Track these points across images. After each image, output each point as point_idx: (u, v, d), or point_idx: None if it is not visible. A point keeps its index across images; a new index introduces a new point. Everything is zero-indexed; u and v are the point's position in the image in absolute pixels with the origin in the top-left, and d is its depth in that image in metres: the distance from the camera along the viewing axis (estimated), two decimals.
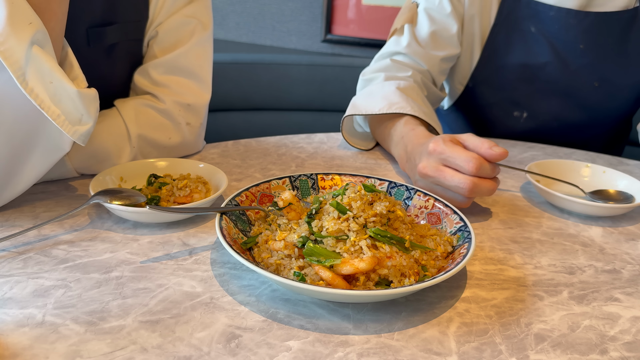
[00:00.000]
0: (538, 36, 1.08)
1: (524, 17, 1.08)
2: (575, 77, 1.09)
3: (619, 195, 0.81)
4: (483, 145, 0.71)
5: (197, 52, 0.93)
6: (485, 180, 0.70)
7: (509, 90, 1.14)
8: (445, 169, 0.71)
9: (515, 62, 1.11)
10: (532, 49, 1.09)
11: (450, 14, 1.08)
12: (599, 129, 1.18)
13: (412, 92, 0.98)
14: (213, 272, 0.59)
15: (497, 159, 0.71)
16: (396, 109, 0.91)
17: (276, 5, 2.10)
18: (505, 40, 1.10)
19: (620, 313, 0.56)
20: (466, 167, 0.69)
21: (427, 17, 1.09)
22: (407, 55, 1.09)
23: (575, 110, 1.13)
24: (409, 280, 0.55)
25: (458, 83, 1.21)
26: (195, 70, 0.93)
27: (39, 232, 0.65)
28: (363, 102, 0.97)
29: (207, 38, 0.96)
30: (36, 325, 0.49)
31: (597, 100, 1.11)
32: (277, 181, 0.71)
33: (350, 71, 1.62)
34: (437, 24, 1.08)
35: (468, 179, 0.69)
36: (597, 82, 1.09)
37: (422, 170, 0.74)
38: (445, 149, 0.71)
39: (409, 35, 1.09)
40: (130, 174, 0.75)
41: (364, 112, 0.95)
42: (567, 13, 1.04)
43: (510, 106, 1.16)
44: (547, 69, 1.09)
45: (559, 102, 1.12)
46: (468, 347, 0.49)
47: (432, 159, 0.73)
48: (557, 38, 1.07)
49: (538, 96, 1.13)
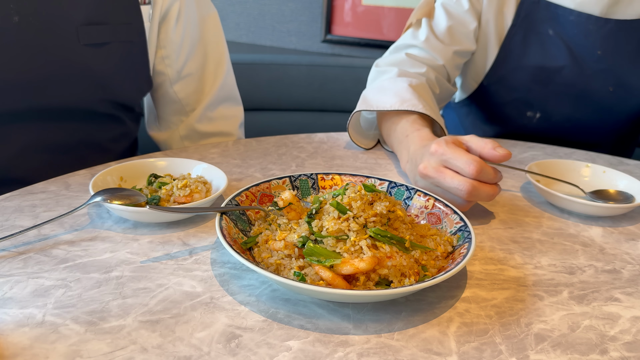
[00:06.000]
0: (556, 39, 1.07)
1: (542, 19, 1.07)
2: (591, 81, 1.09)
3: (619, 195, 0.81)
4: (486, 146, 0.71)
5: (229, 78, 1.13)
6: (486, 184, 0.70)
7: (524, 91, 1.15)
8: (445, 170, 0.71)
9: (531, 64, 1.11)
10: (549, 52, 1.09)
11: (468, 10, 1.09)
12: (610, 130, 1.18)
13: (423, 91, 0.98)
14: (213, 272, 0.59)
15: (500, 160, 0.70)
16: (408, 106, 0.91)
17: (276, 6, 2.10)
18: (522, 41, 1.10)
19: (620, 313, 0.56)
20: (467, 170, 0.68)
21: (445, 12, 1.09)
22: (423, 50, 1.09)
23: (589, 113, 1.13)
24: (409, 280, 0.55)
25: (472, 80, 1.21)
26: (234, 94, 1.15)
27: (39, 232, 0.65)
28: (374, 97, 0.97)
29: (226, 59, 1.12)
30: (36, 325, 0.49)
31: (610, 104, 1.11)
32: (277, 181, 0.71)
33: (350, 71, 1.62)
34: (454, 19, 1.09)
35: (467, 182, 0.68)
36: (612, 87, 1.09)
37: (422, 170, 0.73)
38: (446, 150, 0.71)
39: (427, 28, 1.09)
40: (130, 174, 0.75)
41: (375, 108, 0.95)
42: (588, 18, 1.03)
43: (523, 106, 1.17)
44: (563, 73, 1.09)
45: (573, 104, 1.13)
46: (468, 347, 0.49)
47: (433, 159, 0.72)
48: (575, 42, 1.06)
49: (552, 98, 1.13)
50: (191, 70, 1.06)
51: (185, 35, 1.02)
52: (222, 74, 1.09)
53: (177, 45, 1.02)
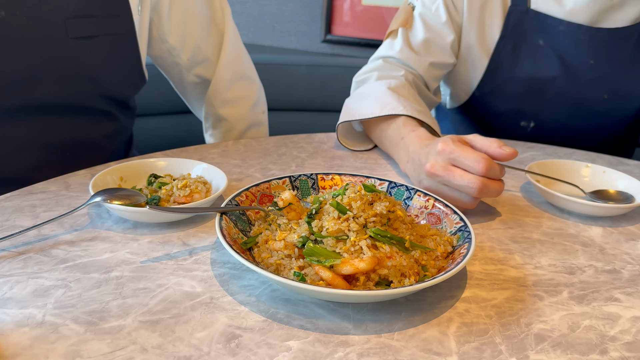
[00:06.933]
0: (547, 49, 1.07)
1: (532, 29, 1.07)
2: (585, 90, 1.08)
3: (619, 195, 0.81)
4: (492, 145, 0.71)
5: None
6: (494, 181, 0.71)
7: (516, 102, 1.14)
8: (454, 168, 0.71)
9: (523, 75, 1.10)
10: (540, 63, 1.08)
11: (446, 23, 1.07)
12: (607, 135, 1.18)
13: (404, 91, 0.97)
14: (213, 272, 0.59)
15: (507, 158, 0.71)
16: (388, 110, 0.91)
17: (276, 6, 2.10)
18: (512, 52, 1.09)
19: (620, 313, 0.56)
20: (476, 168, 0.69)
21: (422, 23, 1.08)
22: (399, 60, 1.09)
23: (584, 120, 1.13)
24: (409, 280, 0.55)
25: (461, 91, 1.21)
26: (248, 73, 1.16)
27: (39, 232, 0.65)
28: (356, 106, 0.97)
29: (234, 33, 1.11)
30: (36, 325, 0.49)
31: (605, 110, 1.11)
32: (277, 181, 0.71)
33: (350, 71, 1.61)
34: (431, 32, 1.08)
35: (477, 179, 0.69)
36: (607, 94, 1.08)
37: (430, 169, 0.73)
38: (455, 149, 0.71)
39: (402, 40, 1.08)
40: (130, 174, 0.75)
41: (357, 117, 0.95)
42: (578, 28, 1.03)
43: (517, 116, 1.16)
44: (556, 83, 1.08)
45: (567, 113, 1.12)
46: (468, 347, 0.49)
47: (441, 158, 0.73)
48: (567, 52, 1.05)
49: (546, 108, 1.13)
50: (207, 55, 1.07)
51: (188, 23, 1.01)
52: (225, 52, 1.08)
53: (180, 35, 1.01)
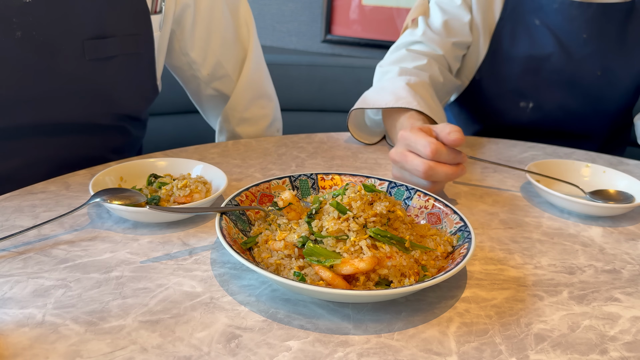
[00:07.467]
0: (542, 28, 1.13)
1: (528, 10, 1.14)
2: (579, 66, 1.14)
3: (619, 195, 0.81)
4: (443, 130, 0.74)
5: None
6: (443, 165, 0.73)
7: (515, 82, 1.19)
8: (408, 153, 0.75)
9: (521, 54, 1.16)
10: (537, 41, 1.14)
11: (461, 5, 1.14)
12: (601, 119, 1.22)
13: (421, 89, 1.01)
14: (213, 272, 0.59)
15: (452, 144, 0.73)
16: (402, 103, 0.94)
17: (276, 6, 2.10)
18: (510, 33, 1.15)
19: (620, 313, 0.56)
20: (423, 152, 0.72)
21: (439, 9, 1.15)
22: (422, 43, 1.14)
23: (579, 100, 1.17)
24: (409, 280, 0.55)
25: (464, 76, 1.25)
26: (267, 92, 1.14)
27: (39, 232, 0.65)
28: (373, 97, 1.01)
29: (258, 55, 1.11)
30: (36, 325, 0.49)
31: (599, 89, 1.16)
32: (277, 181, 0.71)
33: (350, 71, 1.62)
34: (449, 14, 1.15)
35: (424, 163, 0.72)
36: (599, 71, 1.14)
37: (391, 156, 0.78)
38: (410, 136, 0.75)
39: (423, 25, 1.14)
40: (130, 174, 0.75)
41: (371, 106, 0.98)
42: (570, 5, 1.10)
43: (516, 97, 1.21)
44: (552, 60, 1.14)
45: (564, 92, 1.17)
46: (468, 347, 0.49)
47: (400, 145, 0.77)
48: (561, 29, 1.12)
49: (543, 86, 1.17)
50: (227, 71, 1.06)
51: (212, 39, 1.01)
52: (248, 71, 1.07)
53: (202, 50, 1.01)
